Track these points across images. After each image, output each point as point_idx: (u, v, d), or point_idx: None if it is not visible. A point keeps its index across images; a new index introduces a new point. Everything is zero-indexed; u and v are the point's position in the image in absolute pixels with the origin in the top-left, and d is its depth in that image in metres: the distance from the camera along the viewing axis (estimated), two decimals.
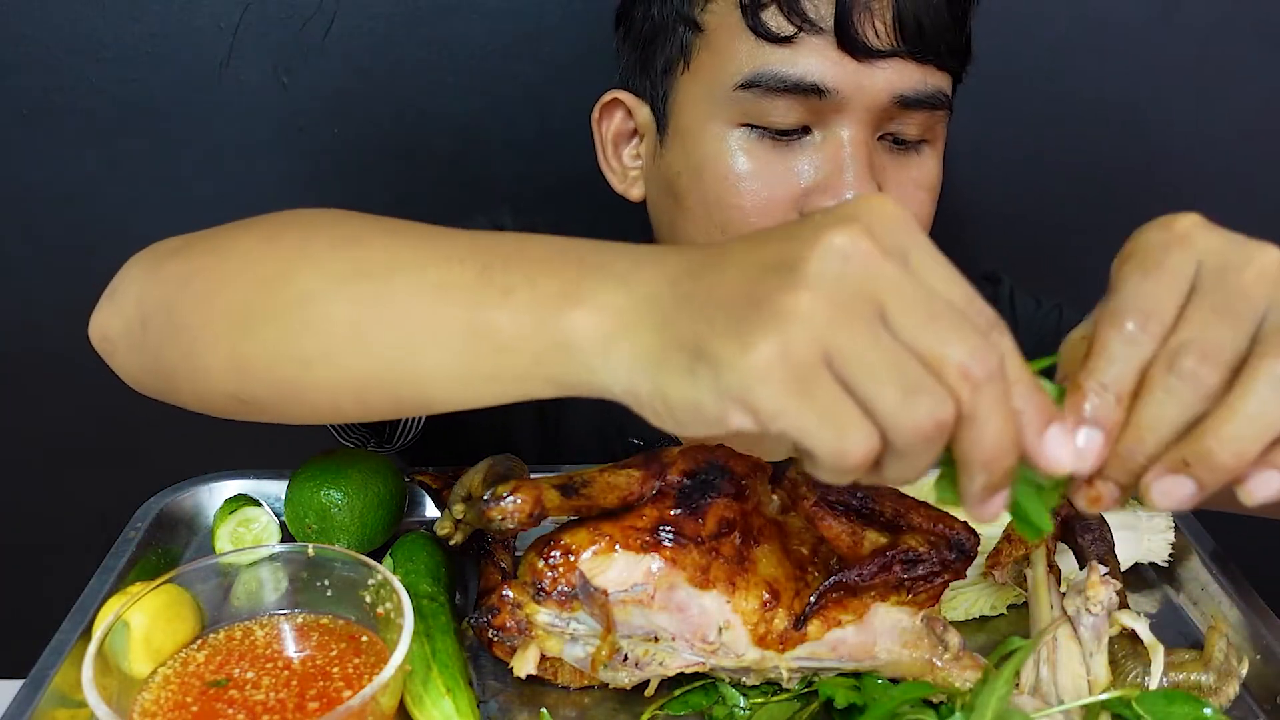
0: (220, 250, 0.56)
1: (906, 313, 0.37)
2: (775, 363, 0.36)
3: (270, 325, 0.51)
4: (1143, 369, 0.41)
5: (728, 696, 0.60)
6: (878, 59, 0.69)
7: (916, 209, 0.75)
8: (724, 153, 0.72)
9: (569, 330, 0.42)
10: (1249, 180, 1.17)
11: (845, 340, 0.37)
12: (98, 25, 1.05)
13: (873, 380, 0.37)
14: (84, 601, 0.63)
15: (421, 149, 1.12)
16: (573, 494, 0.58)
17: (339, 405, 0.52)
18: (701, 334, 0.38)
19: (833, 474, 0.38)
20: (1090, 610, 0.57)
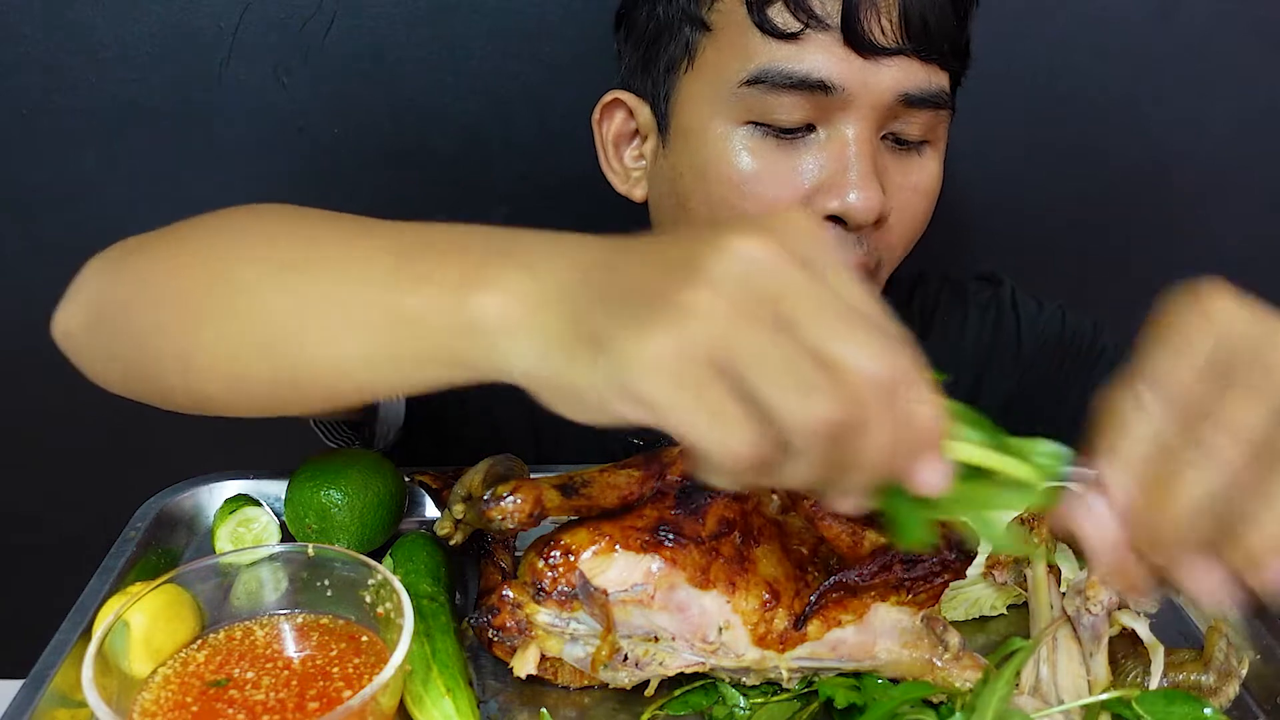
0: (169, 248, 0.58)
1: (808, 316, 0.37)
2: (668, 356, 0.37)
3: (211, 320, 0.53)
4: (1165, 447, 0.40)
5: (728, 696, 0.60)
6: (884, 56, 0.69)
7: (915, 212, 0.76)
8: (728, 152, 0.72)
9: (476, 313, 0.43)
10: (1250, 179, 1.17)
11: (742, 340, 0.37)
12: (98, 25, 1.05)
13: (767, 378, 0.37)
14: (84, 601, 0.63)
15: (421, 149, 1.12)
16: (573, 494, 0.58)
17: (279, 395, 0.54)
18: (602, 324, 0.39)
19: (720, 473, 0.39)
20: (1090, 610, 0.57)
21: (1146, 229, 1.19)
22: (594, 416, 0.41)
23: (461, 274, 0.45)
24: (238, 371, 0.53)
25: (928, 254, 1.20)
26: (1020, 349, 0.92)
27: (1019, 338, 0.92)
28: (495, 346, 0.43)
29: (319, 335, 0.50)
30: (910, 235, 0.77)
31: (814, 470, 0.39)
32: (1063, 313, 0.93)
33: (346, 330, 0.49)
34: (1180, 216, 1.18)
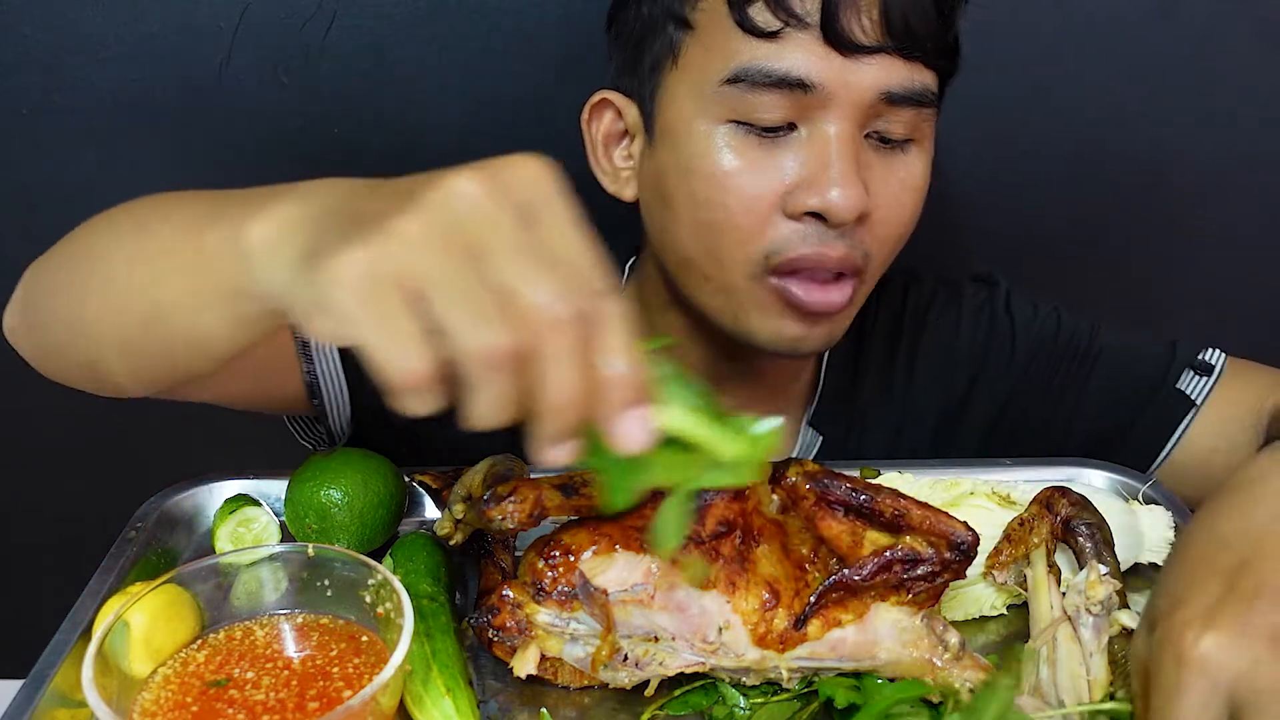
0: (74, 239, 0.64)
1: (501, 253, 0.39)
2: (356, 270, 0.38)
3: (95, 289, 0.58)
4: None
5: (728, 696, 0.60)
6: (864, 55, 0.69)
7: (901, 210, 0.75)
8: (710, 150, 0.73)
9: (248, 238, 0.46)
10: (1250, 179, 1.17)
11: (430, 264, 0.39)
12: (98, 25, 1.05)
13: (445, 302, 0.38)
14: (84, 601, 0.63)
15: (421, 149, 1.12)
16: (573, 494, 0.58)
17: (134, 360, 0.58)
18: (328, 242, 0.41)
19: (393, 391, 0.39)
20: (1090, 610, 0.57)
21: (1146, 229, 1.19)
22: (318, 331, 0.42)
23: (256, 207, 0.47)
24: (105, 341, 0.58)
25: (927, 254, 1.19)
26: (1015, 352, 0.92)
27: (1014, 340, 0.92)
28: (258, 267, 0.46)
29: (148, 285, 0.55)
30: (898, 233, 0.77)
31: (495, 404, 0.39)
32: (1058, 314, 0.93)
33: (165, 275, 0.54)
34: (1180, 216, 1.18)
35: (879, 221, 0.74)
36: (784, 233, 0.72)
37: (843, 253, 0.72)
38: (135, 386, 0.62)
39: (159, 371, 0.59)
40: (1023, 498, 0.71)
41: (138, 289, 0.55)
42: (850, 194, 0.70)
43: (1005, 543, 0.65)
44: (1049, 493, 0.66)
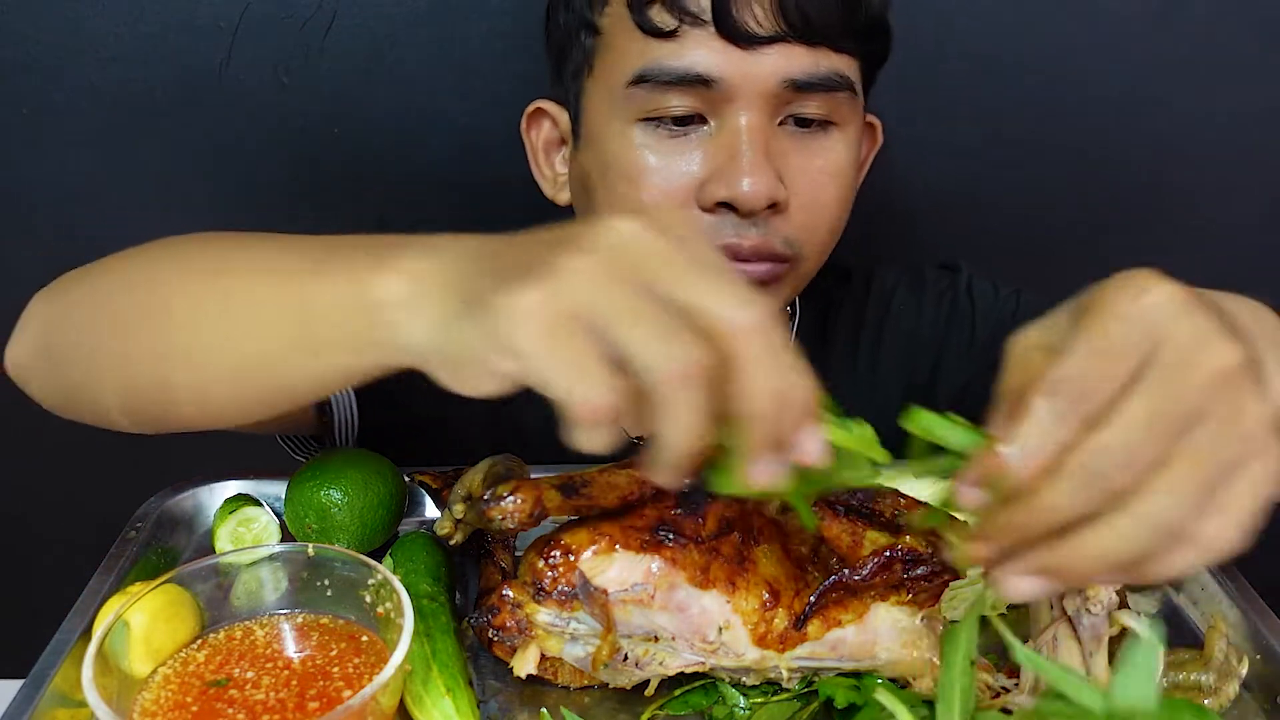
0: (106, 276, 0.62)
1: (674, 276, 0.40)
2: (535, 309, 0.39)
3: (140, 336, 0.56)
4: (1062, 447, 0.40)
5: (728, 696, 0.60)
6: (762, 45, 0.69)
7: (822, 194, 0.75)
8: (624, 149, 0.74)
9: (378, 292, 0.46)
10: (1250, 179, 1.17)
11: (606, 295, 0.39)
12: (98, 25, 1.05)
13: (629, 328, 0.38)
14: (84, 601, 0.63)
15: (421, 149, 1.12)
16: (573, 494, 0.58)
17: (210, 404, 0.56)
18: (486, 289, 0.42)
19: (581, 427, 0.39)
20: (1090, 610, 0.57)
21: (1146, 229, 1.19)
22: (478, 381, 0.43)
23: (368, 261, 0.48)
24: (165, 380, 0.56)
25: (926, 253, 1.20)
26: (974, 335, 0.92)
27: (974, 324, 0.92)
28: (394, 323, 0.46)
29: (240, 335, 0.53)
30: (826, 219, 0.76)
31: (690, 424, 0.39)
32: (1018, 296, 0.93)
33: (264, 326, 0.52)
34: (1180, 216, 1.18)
35: (800, 208, 0.74)
36: (698, 225, 0.73)
37: (756, 241, 0.73)
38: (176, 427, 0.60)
39: (223, 417, 0.58)
40: None
41: (214, 341, 0.54)
42: (758, 182, 0.70)
43: None
44: None
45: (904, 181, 1.15)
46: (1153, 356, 0.40)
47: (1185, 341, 0.40)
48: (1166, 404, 0.39)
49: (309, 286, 0.50)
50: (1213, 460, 0.40)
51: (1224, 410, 0.40)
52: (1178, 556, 0.40)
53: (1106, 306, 0.41)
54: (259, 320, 0.52)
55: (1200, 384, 0.40)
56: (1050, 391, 0.40)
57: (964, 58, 1.10)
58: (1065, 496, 0.39)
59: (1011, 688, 0.57)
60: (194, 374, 0.55)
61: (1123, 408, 0.39)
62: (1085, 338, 0.41)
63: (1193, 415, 0.39)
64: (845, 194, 0.78)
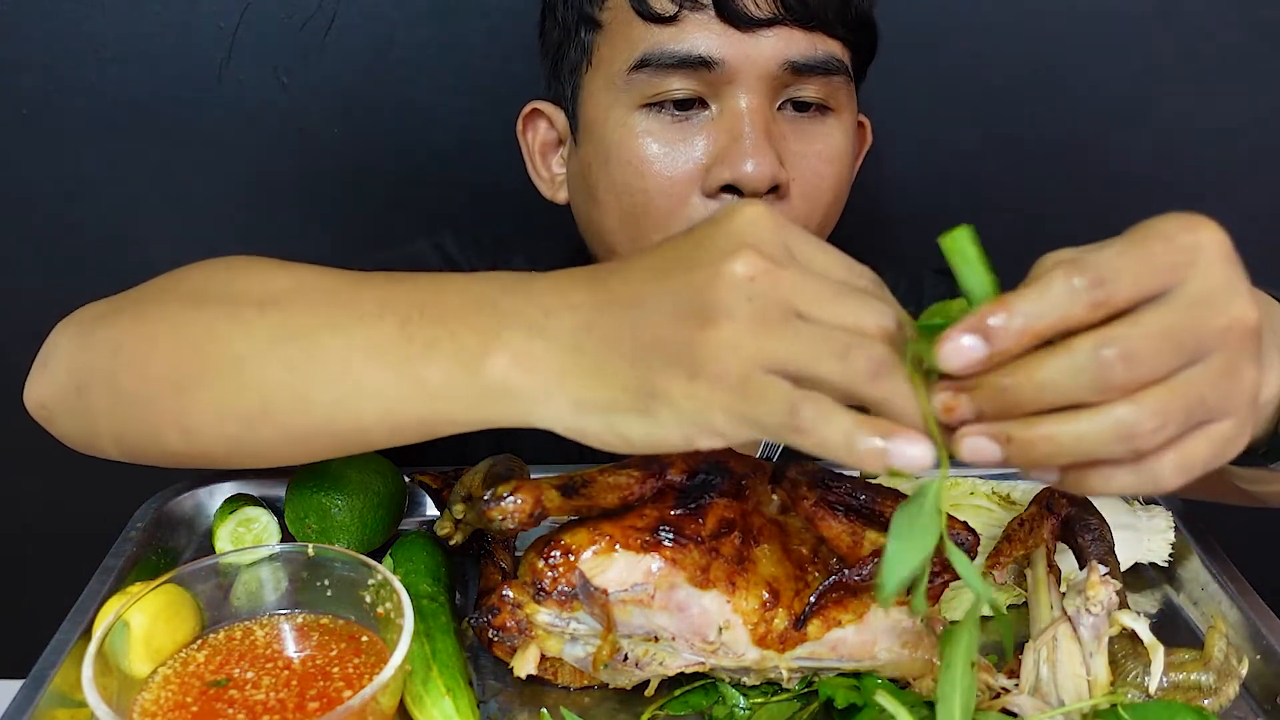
0: (147, 316, 0.58)
1: (814, 304, 0.42)
2: (721, 389, 0.41)
3: (209, 388, 0.54)
4: (1067, 326, 0.40)
5: (728, 696, 0.60)
6: (761, 28, 0.70)
7: (820, 180, 0.75)
8: (627, 137, 0.74)
9: (498, 380, 0.46)
10: (1250, 179, 1.17)
11: (774, 346, 0.41)
12: (98, 25, 1.05)
13: (811, 361, 0.41)
14: (84, 601, 0.63)
15: (421, 149, 1.12)
16: (573, 494, 0.58)
17: (284, 453, 0.55)
18: (644, 379, 0.43)
19: (837, 450, 0.41)
20: (1090, 610, 0.57)
21: None
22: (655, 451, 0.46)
23: (472, 340, 0.47)
24: (239, 434, 0.54)
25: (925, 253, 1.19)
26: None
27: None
28: (526, 411, 0.47)
29: (336, 404, 0.51)
30: (824, 203, 0.76)
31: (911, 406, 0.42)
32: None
33: (365, 399, 0.50)
34: None
35: (799, 194, 0.74)
36: (702, 212, 0.73)
37: None
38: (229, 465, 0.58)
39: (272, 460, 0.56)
40: (1023, 498, 0.71)
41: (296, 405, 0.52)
42: (761, 163, 0.70)
43: (1005, 543, 0.65)
44: (1049, 493, 0.66)
45: (901, 181, 1.15)
46: (1184, 282, 0.41)
47: (1217, 283, 0.42)
48: (1182, 329, 0.40)
49: (410, 368, 0.48)
50: (1199, 402, 0.41)
51: (1226, 361, 0.41)
52: (1120, 475, 0.42)
53: (1157, 226, 0.43)
54: (352, 393, 0.50)
55: (1217, 327, 0.41)
56: (1073, 269, 0.41)
57: (963, 57, 1.10)
58: (1065, 375, 0.40)
59: (1011, 688, 0.57)
60: (283, 436, 0.53)
61: (1142, 313, 0.40)
62: (1127, 241, 0.42)
63: (1199, 351, 0.41)
64: (842, 181, 0.78)
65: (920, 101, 1.12)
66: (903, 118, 1.11)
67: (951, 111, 1.13)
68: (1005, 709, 0.56)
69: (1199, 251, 0.42)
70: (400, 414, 0.50)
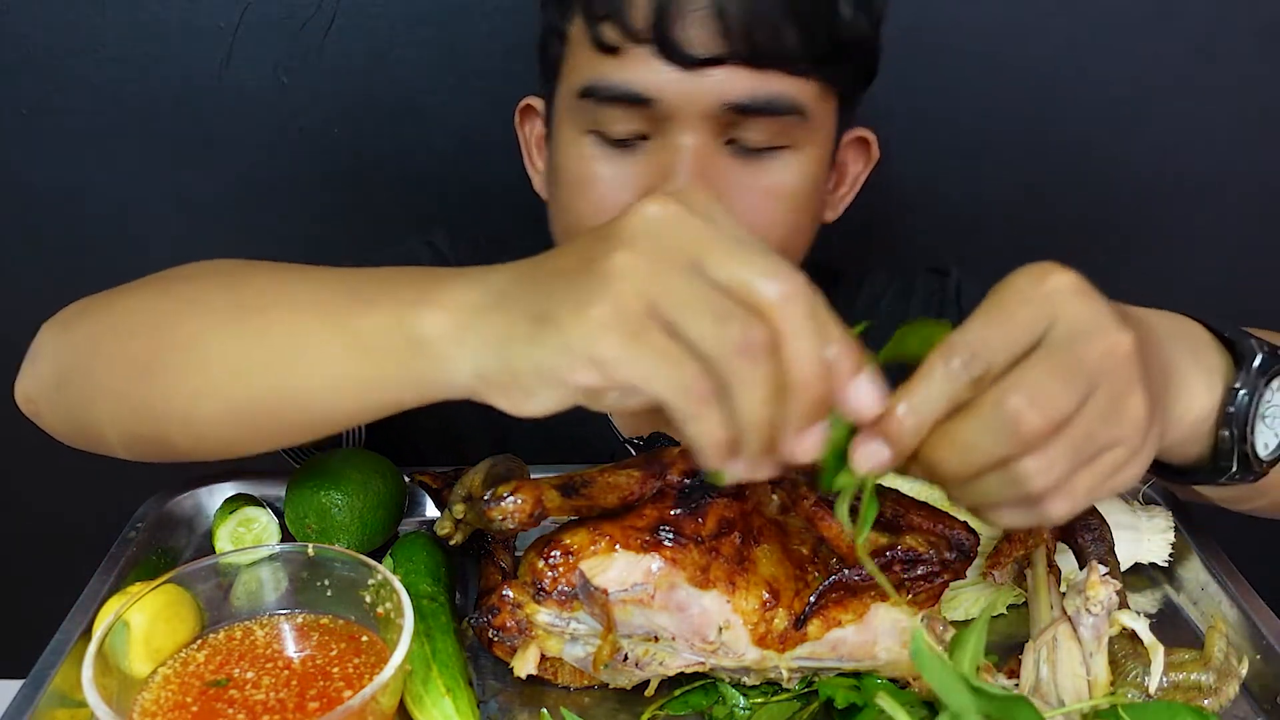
0: (120, 308, 0.60)
1: (714, 254, 0.41)
2: (610, 316, 0.41)
3: (164, 370, 0.55)
4: (954, 404, 0.43)
5: (728, 696, 0.60)
6: (704, 67, 0.68)
7: (764, 217, 0.73)
8: (572, 158, 0.75)
9: (423, 327, 0.47)
10: (1250, 180, 1.17)
11: (664, 287, 0.41)
12: (98, 25, 1.05)
13: (690, 315, 0.40)
14: (84, 601, 0.63)
15: (421, 149, 1.12)
16: (573, 494, 0.58)
17: (237, 435, 0.56)
18: (541, 304, 0.43)
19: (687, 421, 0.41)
20: (1090, 610, 0.57)
21: (1145, 230, 1.19)
22: (546, 399, 0.44)
23: (412, 294, 0.48)
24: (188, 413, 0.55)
25: (925, 254, 1.19)
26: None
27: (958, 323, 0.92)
28: (443, 355, 0.46)
29: (279, 370, 0.52)
30: (772, 239, 0.73)
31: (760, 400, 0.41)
32: None
33: (305, 362, 0.51)
34: (1179, 217, 1.18)
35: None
36: None
37: None
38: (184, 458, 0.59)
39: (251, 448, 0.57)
40: None
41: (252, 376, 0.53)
42: None
43: (1005, 543, 0.65)
44: None
45: (899, 181, 1.15)
46: (1051, 328, 0.43)
47: (1082, 319, 0.43)
48: (1065, 366, 0.42)
49: (349, 322, 0.49)
50: (1086, 438, 0.43)
51: (1108, 391, 0.43)
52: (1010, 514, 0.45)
53: (1010, 286, 0.45)
54: (294, 357, 0.51)
55: (1093, 357, 0.43)
56: (947, 352, 0.43)
57: (961, 56, 1.10)
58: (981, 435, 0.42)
59: (1011, 688, 0.57)
60: (229, 410, 0.54)
61: (1024, 364, 0.42)
62: (985, 310, 0.44)
63: (1089, 385, 0.42)
64: (794, 216, 0.75)
65: (920, 102, 1.12)
66: (902, 118, 1.11)
67: (951, 112, 1.13)
68: None
69: (1055, 297, 0.44)
70: (332, 375, 0.50)
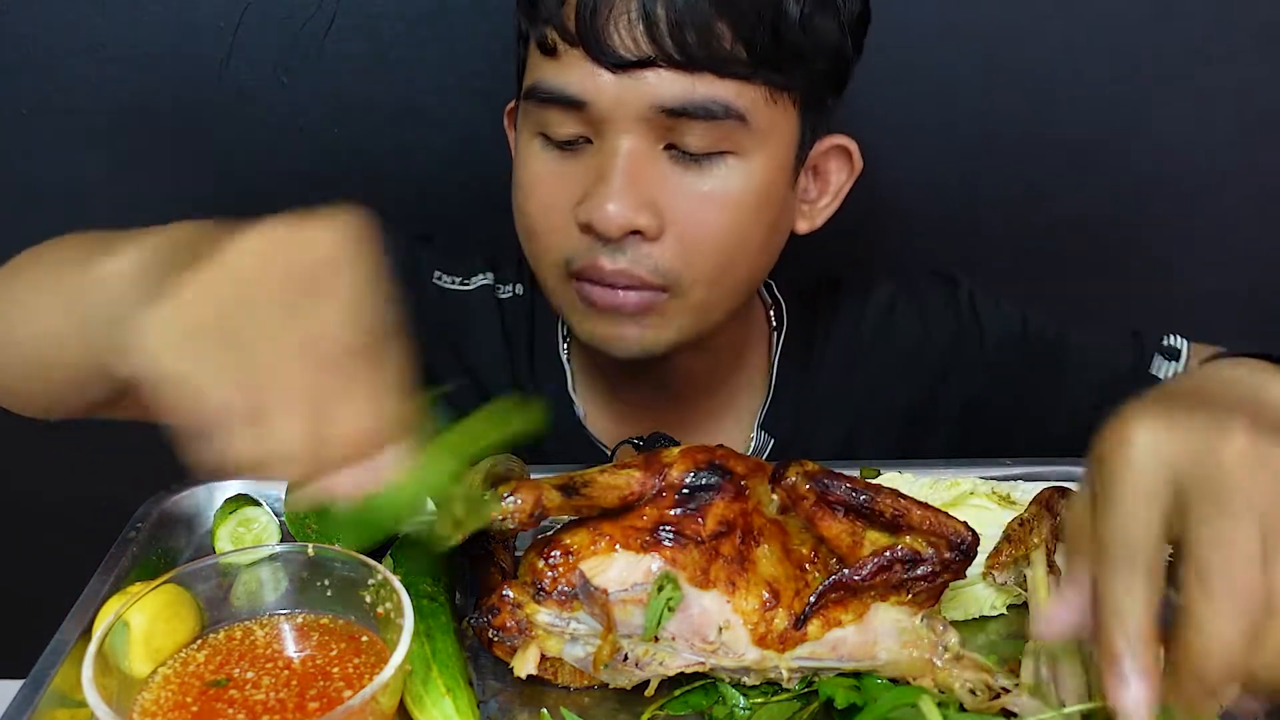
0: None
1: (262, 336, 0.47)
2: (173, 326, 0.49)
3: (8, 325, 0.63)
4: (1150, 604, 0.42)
5: (728, 696, 0.60)
6: (634, 69, 0.68)
7: (704, 224, 0.72)
8: (524, 159, 0.76)
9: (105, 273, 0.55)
10: (1250, 180, 1.17)
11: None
12: (98, 25, 1.05)
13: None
14: (84, 601, 0.63)
15: (421, 149, 1.12)
16: (573, 494, 0.58)
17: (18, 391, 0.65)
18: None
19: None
20: None
21: (1145, 230, 1.19)
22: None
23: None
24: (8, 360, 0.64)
25: (923, 255, 1.19)
26: (983, 350, 0.92)
27: (981, 339, 0.92)
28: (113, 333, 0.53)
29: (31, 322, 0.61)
30: (709, 248, 0.73)
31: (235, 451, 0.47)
32: (1023, 314, 0.93)
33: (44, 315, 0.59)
34: (1179, 217, 1.18)
35: (679, 236, 0.72)
36: (575, 243, 0.73)
37: (622, 266, 0.72)
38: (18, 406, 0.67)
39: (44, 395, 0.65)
40: (1023, 498, 0.71)
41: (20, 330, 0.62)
42: (618, 210, 0.69)
43: (1005, 543, 0.65)
44: (1049, 493, 0.66)
45: (898, 183, 1.15)
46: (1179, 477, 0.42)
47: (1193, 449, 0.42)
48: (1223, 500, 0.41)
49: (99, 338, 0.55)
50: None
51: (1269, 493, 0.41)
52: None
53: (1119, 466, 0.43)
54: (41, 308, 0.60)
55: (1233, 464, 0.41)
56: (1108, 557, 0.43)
57: (960, 56, 1.10)
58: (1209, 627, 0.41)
59: (1011, 688, 0.57)
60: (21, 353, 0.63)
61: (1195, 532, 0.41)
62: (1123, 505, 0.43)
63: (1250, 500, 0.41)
64: (740, 224, 0.74)
65: (919, 102, 1.12)
66: (902, 119, 1.11)
67: (951, 112, 1.13)
68: (1005, 709, 0.56)
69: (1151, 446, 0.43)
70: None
